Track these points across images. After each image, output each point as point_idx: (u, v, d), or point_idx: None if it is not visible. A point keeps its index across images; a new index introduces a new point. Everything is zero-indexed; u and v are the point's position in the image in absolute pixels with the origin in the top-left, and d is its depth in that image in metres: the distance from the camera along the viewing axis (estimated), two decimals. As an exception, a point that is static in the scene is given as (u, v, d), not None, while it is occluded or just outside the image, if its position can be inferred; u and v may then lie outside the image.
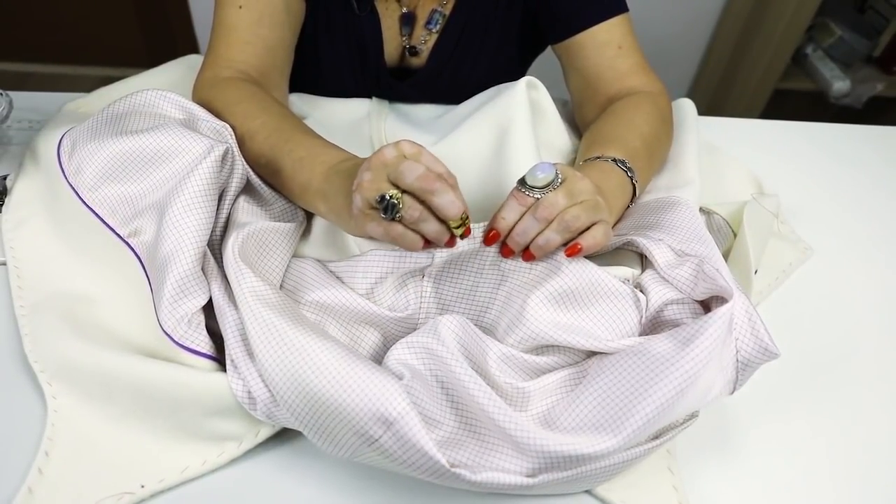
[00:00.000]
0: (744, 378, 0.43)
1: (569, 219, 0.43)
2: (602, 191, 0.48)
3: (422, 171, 0.40)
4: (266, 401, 0.41)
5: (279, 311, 0.42)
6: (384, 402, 0.36)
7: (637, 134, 0.59)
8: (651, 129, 0.60)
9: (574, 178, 0.45)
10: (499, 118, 0.59)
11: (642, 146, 0.58)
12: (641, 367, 0.40)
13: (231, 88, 0.57)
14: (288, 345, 0.39)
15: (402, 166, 0.40)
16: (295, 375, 0.38)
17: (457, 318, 0.43)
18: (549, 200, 0.44)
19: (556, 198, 0.44)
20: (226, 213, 0.50)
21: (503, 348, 0.43)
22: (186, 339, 0.43)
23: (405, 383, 0.39)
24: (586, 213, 0.44)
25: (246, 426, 0.43)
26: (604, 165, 0.54)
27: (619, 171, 0.54)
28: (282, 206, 0.54)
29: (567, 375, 0.44)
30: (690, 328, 0.41)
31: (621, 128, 0.59)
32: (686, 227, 0.50)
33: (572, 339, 0.43)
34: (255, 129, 0.53)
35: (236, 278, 0.43)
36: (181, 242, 0.43)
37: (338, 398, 0.37)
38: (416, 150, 0.42)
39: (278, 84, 0.64)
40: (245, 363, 0.41)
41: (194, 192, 0.45)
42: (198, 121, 0.54)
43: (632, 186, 0.55)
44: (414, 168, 0.40)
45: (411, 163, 0.40)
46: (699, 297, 0.45)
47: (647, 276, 0.48)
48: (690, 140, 0.65)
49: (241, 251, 0.45)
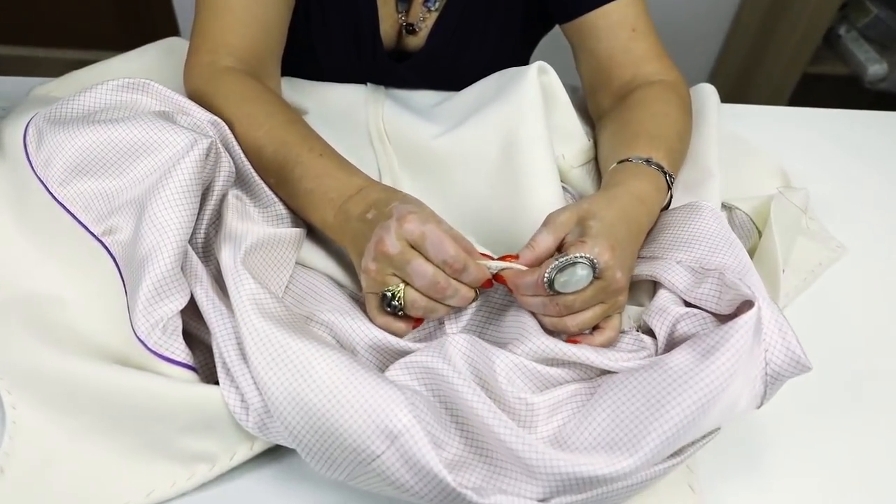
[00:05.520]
0: (772, 392, 0.43)
1: (584, 322, 0.45)
2: (642, 202, 0.50)
3: (430, 276, 0.42)
4: (259, 410, 0.41)
5: (279, 322, 0.42)
6: (388, 413, 0.37)
7: (675, 131, 0.59)
8: (684, 125, 0.61)
9: (610, 278, 0.44)
10: (508, 113, 0.58)
11: (679, 145, 0.59)
12: (659, 380, 0.40)
13: (233, 83, 0.57)
14: (287, 360, 0.40)
15: (410, 268, 0.43)
16: (294, 393, 0.39)
17: (465, 337, 0.43)
18: (568, 304, 0.44)
19: (579, 304, 0.44)
20: (210, 210, 0.50)
21: (512, 357, 0.43)
22: (161, 347, 0.42)
23: (408, 397, 0.39)
24: (603, 313, 0.46)
25: (222, 446, 0.43)
26: (648, 172, 0.54)
27: (661, 179, 0.54)
28: (280, 209, 0.54)
29: (579, 389, 0.44)
30: (712, 338, 0.41)
31: (659, 124, 0.59)
32: (708, 235, 0.49)
33: (582, 353, 0.43)
34: (261, 140, 0.53)
35: (234, 283, 0.43)
36: (162, 239, 0.43)
37: (338, 413, 0.37)
38: (420, 233, 0.43)
39: (273, 69, 0.64)
40: (240, 367, 0.41)
41: (177, 187, 0.45)
42: (181, 113, 0.53)
43: (669, 194, 0.55)
44: (422, 273, 0.42)
45: (419, 264, 0.42)
46: (726, 310, 0.45)
47: (655, 305, 0.48)
48: (711, 130, 0.65)
49: (245, 262, 0.45)
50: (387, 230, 0.43)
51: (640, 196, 0.51)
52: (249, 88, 0.57)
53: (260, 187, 0.53)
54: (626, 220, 0.48)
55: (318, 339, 0.42)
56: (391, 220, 0.43)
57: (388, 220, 0.43)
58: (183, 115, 0.53)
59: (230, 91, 0.56)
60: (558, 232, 0.46)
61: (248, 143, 0.54)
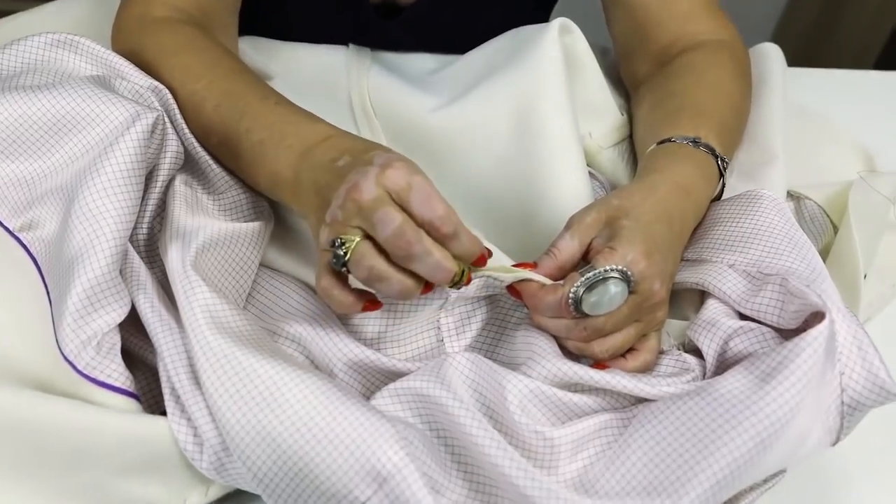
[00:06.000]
0: (851, 424, 0.43)
1: (616, 348, 0.46)
2: (687, 193, 0.50)
3: (397, 223, 0.39)
4: (216, 447, 0.41)
5: (239, 338, 0.42)
6: (376, 451, 0.37)
7: (729, 104, 0.59)
8: (741, 97, 0.61)
9: (646, 291, 0.44)
10: (523, 82, 0.59)
11: (735, 122, 0.59)
12: (708, 410, 0.40)
13: (166, 33, 0.57)
14: (250, 385, 0.40)
15: (377, 215, 0.40)
16: (259, 426, 0.39)
17: (467, 356, 0.43)
18: (598, 327, 0.44)
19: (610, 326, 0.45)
20: (154, 199, 0.50)
21: (526, 381, 0.43)
22: (94, 369, 0.42)
23: (400, 431, 0.39)
24: (638, 335, 0.46)
25: (170, 491, 0.43)
26: (694, 154, 0.54)
27: (711, 163, 0.54)
28: (238, 194, 0.54)
29: (609, 420, 0.44)
30: (773, 358, 0.41)
31: (710, 95, 0.60)
32: (769, 232, 0.49)
33: (613, 379, 0.43)
34: (199, 93, 0.53)
35: (184, 291, 0.44)
36: (96, 235, 0.43)
37: (314, 451, 0.37)
38: (405, 183, 0.41)
39: (225, 24, 0.64)
40: (192, 394, 0.41)
41: (115, 171, 0.45)
42: (119, 78, 0.53)
43: (720, 182, 0.55)
44: (389, 219, 0.40)
45: (389, 211, 0.40)
46: (790, 324, 0.45)
47: (702, 318, 0.48)
48: (775, 101, 0.65)
49: (196, 265, 0.45)
50: (364, 175, 0.41)
51: (685, 185, 0.51)
52: (186, 38, 0.57)
53: (211, 168, 0.53)
54: (667, 216, 0.48)
55: (288, 360, 0.42)
56: (372, 165, 0.41)
57: (368, 166, 0.41)
58: (121, 80, 0.53)
59: (163, 42, 0.56)
60: (584, 236, 0.46)
61: (183, 99, 0.54)
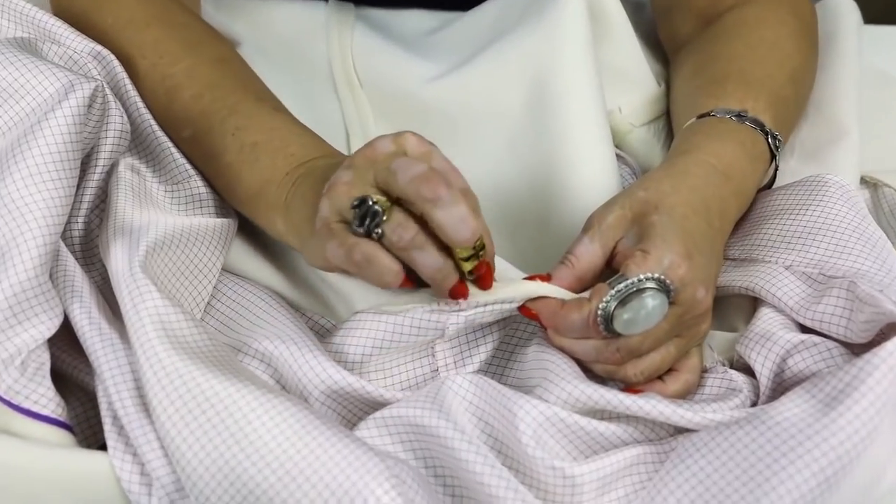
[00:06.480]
0: (937, 457, 0.43)
1: (652, 370, 0.46)
2: (727, 178, 0.50)
3: (421, 169, 0.41)
4: (168, 486, 0.41)
5: (197, 356, 0.42)
6: (362, 490, 0.37)
7: (787, 70, 0.59)
8: (804, 61, 0.61)
9: (688, 300, 0.45)
10: (539, 45, 0.59)
11: (794, 91, 0.59)
12: (762, 442, 0.40)
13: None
14: (211, 413, 0.40)
15: (396, 163, 0.41)
16: (221, 461, 0.39)
17: (469, 378, 0.43)
18: (633, 348, 0.45)
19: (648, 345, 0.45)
20: (93, 189, 0.51)
21: (542, 407, 0.43)
22: (17, 394, 0.42)
23: (390, 467, 0.39)
24: (679, 353, 0.47)
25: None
26: (738, 130, 0.53)
27: (760, 141, 0.54)
28: (198, 186, 0.54)
29: (642, 455, 0.44)
30: (840, 378, 0.41)
31: (763, 59, 0.60)
32: (835, 226, 0.50)
33: (648, 405, 0.43)
34: (175, 78, 0.54)
35: (131, 299, 0.44)
36: (20, 232, 0.43)
37: (288, 490, 0.38)
38: (426, 149, 0.43)
39: None
40: (139, 423, 0.42)
41: (43, 155, 0.45)
42: (49, 41, 0.53)
43: (773, 163, 0.55)
44: (411, 166, 0.41)
45: (409, 160, 0.42)
46: (860, 337, 0.45)
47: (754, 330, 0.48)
48: (847, 65, 0.65)
49: (145, 267, 0.46)
50: (379, 139, 0.44)
51: (724, 168, 0.50)
52: (159, 8, 0.57)
53: (167, 153, 0.54)
54: (705, 206, 0.48)
55: (255, 381, 0.42)
56: (385, 136, 0.44)
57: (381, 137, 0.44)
58: (52, 44, 0.53)
59: (129, 9, 0.56)
60: (607, 238, 0.46)
61: (153, 82, 0.54)
